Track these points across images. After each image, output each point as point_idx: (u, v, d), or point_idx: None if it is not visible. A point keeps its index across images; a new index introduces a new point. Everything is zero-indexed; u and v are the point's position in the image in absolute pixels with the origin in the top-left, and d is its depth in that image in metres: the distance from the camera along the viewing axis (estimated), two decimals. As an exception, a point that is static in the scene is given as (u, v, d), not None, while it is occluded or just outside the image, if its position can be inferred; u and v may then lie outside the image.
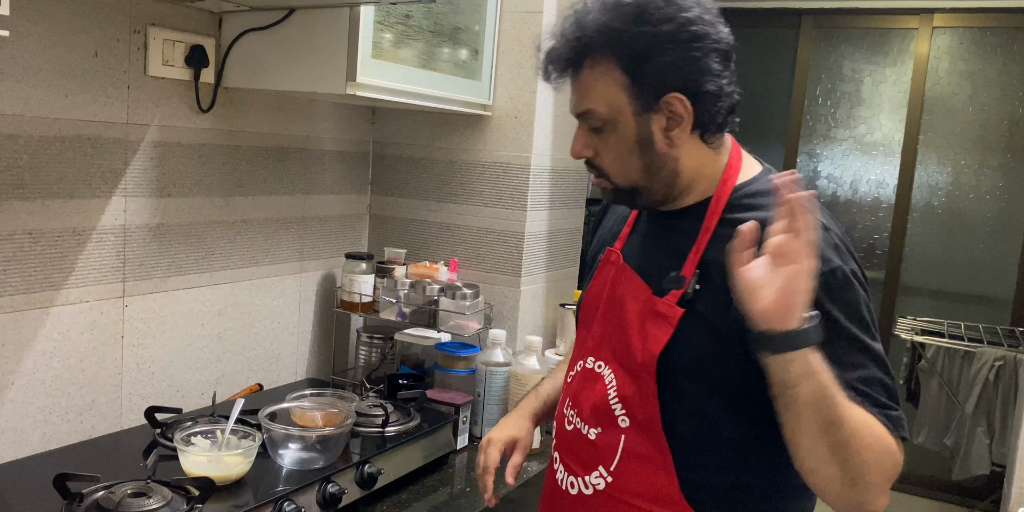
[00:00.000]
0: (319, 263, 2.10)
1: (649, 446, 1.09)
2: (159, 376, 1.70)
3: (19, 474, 1.39)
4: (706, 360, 1.05)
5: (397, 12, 1.66)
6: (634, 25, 1.02)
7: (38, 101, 1.41)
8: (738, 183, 1.11)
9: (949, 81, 3.64)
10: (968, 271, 3.67)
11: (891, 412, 1.01)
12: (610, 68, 1.05)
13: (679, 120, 1.06)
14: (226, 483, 1.33)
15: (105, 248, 1.56)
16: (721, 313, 1.04)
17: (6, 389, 1.43)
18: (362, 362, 2.10)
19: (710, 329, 1.05)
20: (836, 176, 3.87)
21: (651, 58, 1.03)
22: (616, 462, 1.12)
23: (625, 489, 1.11)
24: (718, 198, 1.10)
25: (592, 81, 1.07)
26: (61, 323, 1.50)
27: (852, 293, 1.02)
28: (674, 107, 1.05)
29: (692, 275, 1.07)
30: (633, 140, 1.08)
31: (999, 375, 3.17)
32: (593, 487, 1.14)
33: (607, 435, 1.13)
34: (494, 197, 2.08)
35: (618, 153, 1.09)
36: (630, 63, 1.04)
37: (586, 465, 1.16)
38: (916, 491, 3.70)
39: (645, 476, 1.10)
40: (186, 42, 1.64)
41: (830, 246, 1.02)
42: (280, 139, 1.92)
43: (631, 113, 1.06)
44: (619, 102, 1.06)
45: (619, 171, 1.11)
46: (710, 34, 1.04)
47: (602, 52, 1.05)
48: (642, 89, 1.05)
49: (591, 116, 1.08)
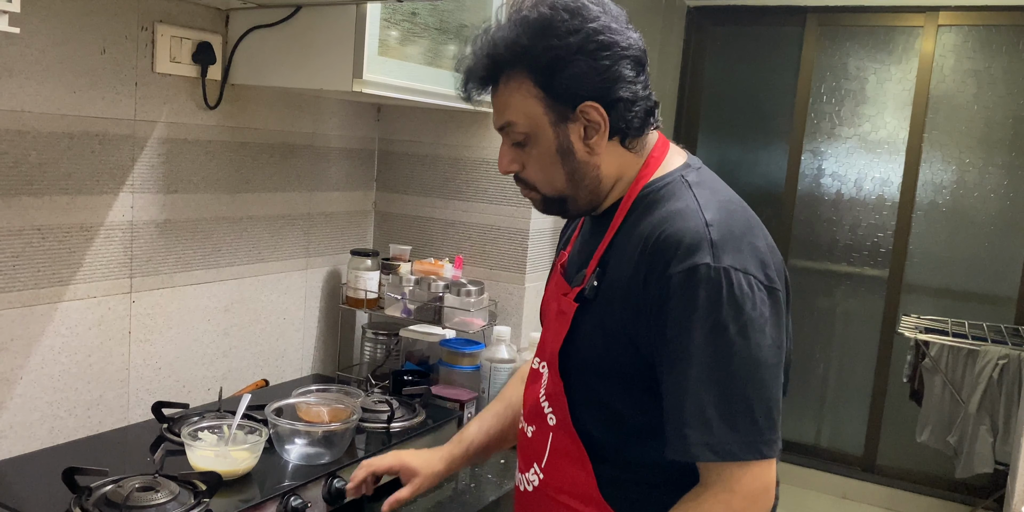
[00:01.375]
0: (325, 259, 2.10)
1: (569, 443, 1.12)
2: (166, 371, 1.71)
3: (28, 468, 1.40)
4: (600, 355, 1.08)
5: (403, 9, 1.66)
6: (542, 39, 1.04)
7: (47, 98, 1.42)
8: (650, 180, 1.12)
9: (954, 79, 3.64)
10: (972, 269, 3.67)
11: (712, 438, 0.96)
12: (523, 82, 1.07)
13: (596, 128, 1.08)
14: (233, 478, 1.34)
15: (113, 244, 1.56)
16: (610, 308, 1.06)
17: (14, 384, 1.44)
18: (367, 358, 2.11)
19: (601, 325, 1.07)
20: (840, 174, 3.87)
21: (562, 70, 1.05)
22: (545, 459, 1.16)
23: (554, 486, 1.15)
24: (628, 198, 1.12)
25: (508, 95, 1.09)
26: (69, 318, 1.51)
27: (708, 291, 0.97)
28: (590, 115, 1.07)
29: (592, 273, 1.10)
30: (554, 150, 1.09)
31: (1003, 373, 3.17)
32: (531, 484, 1.19)
33: (539, 433, 1.18)
34: (499, 194, 2.08)
35: (542, 165, 1.11)
36: (541, 76, 1.06)
37: (527, 462, 1.20)
38: (919, 489, 3.70)
39: (569, 473, 1.13)
40: (193, 39, 1.65)
41: (706, 241, 0.99)
42: (286, 136, 1.93)
43: (548, 124, 1.08)
44: (536, 114, 1.08)
45: (544, 182, 1.13)
46: (619, 42, 1.05)
47: (514, 67, 1.07)
48: (556, 100, 1.07)
49: (512, 129, 1.10)
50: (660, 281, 0.99)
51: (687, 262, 0.97)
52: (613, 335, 1.06)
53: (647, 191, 1.11)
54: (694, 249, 0.98)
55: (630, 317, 1.03)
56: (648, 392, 1.04)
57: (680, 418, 0.98)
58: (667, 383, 1.00)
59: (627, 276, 1.04)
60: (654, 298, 1.00)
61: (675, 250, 0.99)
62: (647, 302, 1.01)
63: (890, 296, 3.79)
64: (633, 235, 1.06)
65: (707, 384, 0.96)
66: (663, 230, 1.01)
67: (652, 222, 1.05)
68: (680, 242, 0.99)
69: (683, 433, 0.97)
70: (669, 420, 1.00)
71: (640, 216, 1.08)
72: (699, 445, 0.97)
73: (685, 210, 1.03)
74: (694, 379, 0.97)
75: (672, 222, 1.02)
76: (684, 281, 0.97)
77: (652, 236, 1.02)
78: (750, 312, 0.97)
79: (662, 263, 0.99)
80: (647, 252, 1.02)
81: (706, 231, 0.99)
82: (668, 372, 1.00)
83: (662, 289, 0.99)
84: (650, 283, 1.00)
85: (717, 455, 0.97)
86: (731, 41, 3.95)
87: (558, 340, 1.13)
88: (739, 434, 0.96)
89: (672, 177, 1.11)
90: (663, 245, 1.00)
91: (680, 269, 0.97)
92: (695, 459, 0.98)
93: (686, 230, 1.00)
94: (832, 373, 3.91)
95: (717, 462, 0.98)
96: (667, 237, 1.00)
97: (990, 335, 3.33)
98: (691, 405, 0.97)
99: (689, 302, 0.97)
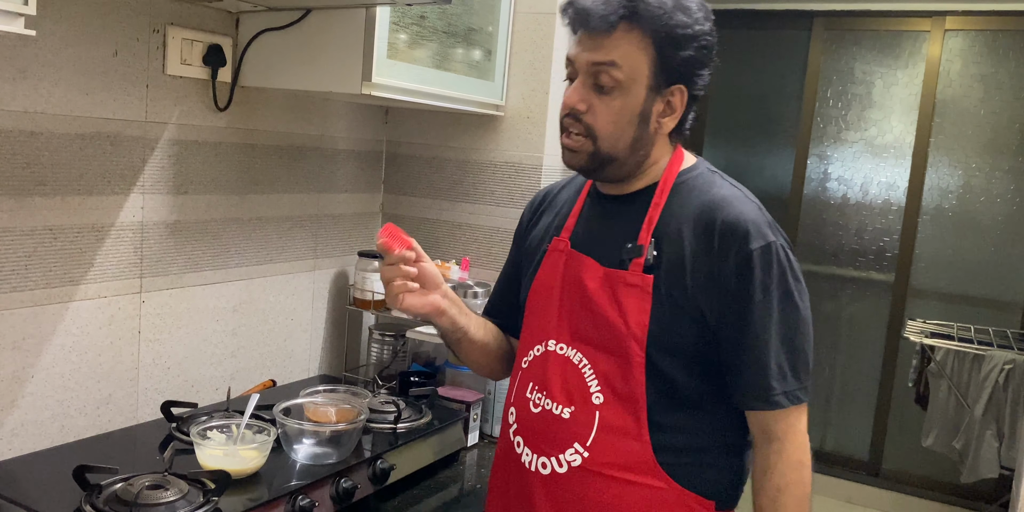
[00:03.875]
0: (332, 261, 2.12)
1: (626, 417, 1.15)
2: (175, 371, 1.72)
3: (39, 466, 1.41)
4: (669, 325, 1.13)
5: (412, 13, 1.68)
6: (682, 13, 1.11)
7: (59, 99, 1.44)
8: (681, 169, 1.21)
9: (961, 84, 3.64)
10: (978, 274, 3.67)
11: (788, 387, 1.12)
12: (644, 39, 1.11)
13: (671, 111, 1.16)
14: (241, 477, 1.35)
15: (123, 244, 1.58)
16: (678, 280, 1.13)
17: (26, 382, 1.46)
18: (374, 359, 2.12)
19: (670, 296, 1.13)
20: (847, 178, 3.87)
21: (682, 48, 1.12)
22: (592, 437, 1.16)
23: (603, 461, 1.15)
24: (666, 180, 1.19)
25: (625, 42, 1.11)
26: (80, 318, 1.52)
27: (779, 264, 1.11)
28: (673, 98, 1.15)
29: (649, 244, 1.15)
30: (637, 110, 1.14)
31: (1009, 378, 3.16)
32: (568, 464, 1.18)
33: (581, 412, 1.17)
34: (506, 196, 2.09)
35: (618, 118, 1.14)
36: (664, 44, 1.11)
37: (559, 444, 1.19)
38: (924, 494, 3.70)
39: (621, 447, 1.15)
40: (204, 41, 1.66)
41: (765, 223, 1.13)
42: (295, 138, 1.94)
43: (646, 86, 1.13)
44: (641, 70, 1.12)
45: (608, 135, 1.15)
46: (714, 51, 1.16)
47: (644, 21, 1.10)
48: (662, 70, 1.12)
49: (609, 70, 1.12)
50: (740, 255, 1.10)
51: (761, 240, 1.10)
52: (681, 306, 1.12)
53: (683, 178, 1.20)
54: (763, 229, 1.11)
55: (701, 287, 1.12)
56: (703, 360, 1.14)
57: (765, 371, 1.11)
58: (749, 342, 1.11)
59: (690, 251, 1.13)
60: (733, 269, 1.10)
61: (748, 230, 1.11)
62: (724, 273, 1.11)
63: (896, 300, 3.78)
64: (683, 215, 1.15)
65: (783, 341, 1.11)
66: (727, 213, 1.12)
67: (707, 204, 1.14)
68: (749, 223, 1.11)
69: (769, 384, 1.11)
70: (750, 374, 1.12)
71: (685, 198, 1.17)
72: (780, 394, 1.11)
73: (735, 196, 1.15)
74: (776, 337, 1.11)
75: (732, 206, 1.13)
76: (762, 255, 1.10)
77: (716, 217, 1.12)
78: (802, 280, 1.14)
79: (739, 240, 1.10)
80: (715, 231, 1.12)
81: (762, 214, 1.14)
82: (749, 333, 1.11)
83: (743, 262, 1.10)
84: (727, 257, 1.10)
85: (791, 401, 1.12)
86: (738, 45, 3.95)
87: (638, 313, 1.13)
88: (800, 382, 1.13)
89: (700, 169, 1.22)
90: (735, 225, 1.11)
91: (757, 246, 1.10)
92: (777, 407, 1.12)
93: (748, 213, 1.12)
94: (838, 377, 3.91)
95: (787, 409, 1.12)
96: (735, 219, 1.12)
97: (996, 340, 3.33)
98: (773, 360, 1.11)
99: (767, 273, 1.10)
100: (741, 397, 1.14)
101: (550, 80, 2.02)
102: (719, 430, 1.18)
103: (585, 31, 1.14)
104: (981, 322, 3.52)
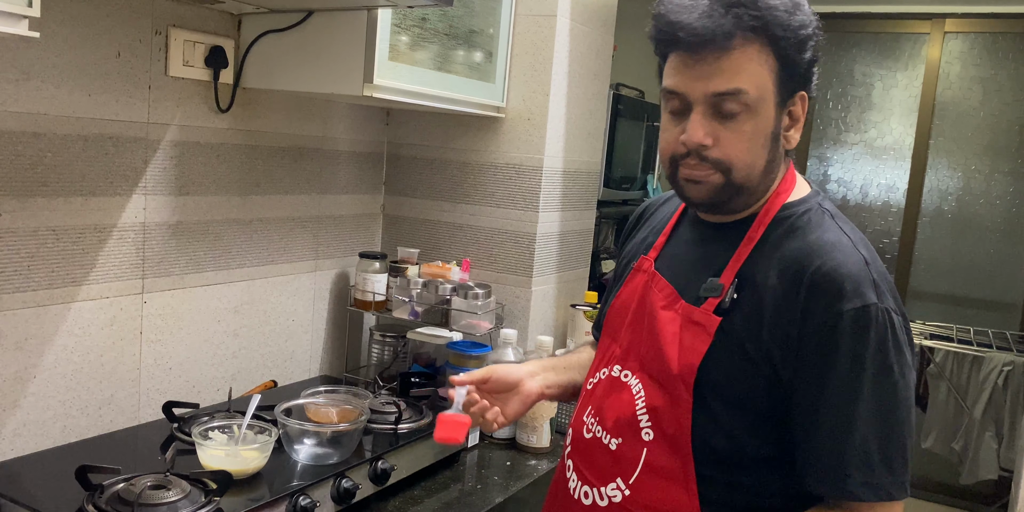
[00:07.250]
0: (333, 262, 2.12)
1: (673, 460, 1.05)
2: (176, 371, 1.73)
3: (41, 466, 1.41)
4: (735, 376, 1.01)
5: (413, 15, 1.68)
6: (797, 13, 0.97)
7: (62, 100, 1.44)
8: (788, 201, 1.07)
9: (960, 86, 3.65)
10: (978, 276, 3.67)
11: (874, 478, 0.96)
12: (764, 49, 0.97)
13: (796, 121, 1.02)
14: (243, 477, 1.35)
15: (125, 245, 1.58)
16: (753, 331, 1.00)
17: (28, 383, 1.46)
18: (375, 360, 2.12)
19: (741, 346, 1.01)
20: (846, 180, 3.88)
21: (804, 50, 0.98)
22: (636, 475, 1.07)
23: (642, 503, 1.06)
24: (767, 211, 1.05)
25: (746, 59, 0.96)
26: (82, 318, 1.53)
27: (878, 332, 0.96)
28: (795, 107, 1.01)
29: (731, 284, 1.03)
30: (769, 132, 1.00)
31: (1008, 380, 3.17)
32: (609, 499, 1.10)
33: (629, 447, 1.09)
34: (506, 198, 2.10)
35: (751, 144, 0.99)
36: (786, 51, 0.97)
37: (603, 476, 1.11)
38: (924, 495, 3.70)
39: (664, 491, 1.05)
40: (206, 43, 1.67)
41: (868, 281, 0.97)
42: (296, 139, 1.95)
43: (774, 102, 0.99)
44: (767, 88, 0.98)
45: (744, 164, 1.00)
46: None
47: (758, 31, 0.96)
48: (788, 80, 0.99)
49: (737, 98, 0.97)
50: (827, 315, 0.95)
51: (857, 301, 0.95)
52: (752, 359, 1.00)
53: (787, 212, 1.05)
54: (862, 288, 0.95)
55: (778, 343, 0.98)
56: (772, 422, 1.01)
57: (842, 456, 0.96)
58: (826, 418, 0.97)
59: (772, 300, 0.99)
60: (816, 330, 0.96)
61: (843, 286, 0.95)
62: (807, 333, 0.97)
63: (895, 302, 3.79)
64: (775, 257, 1.02)
65: (873, 424, 0.95)
66: (823, 263, 0.98)
67: (802, 250, 1.00)
68: (846, 278, 0.96)
69: (845, 472, 0.96)
70: (826, 456, 0.97)
71: (782, 238, 1.03)
72: (860, 484, 0.96)
73: (839, 244, 1.00)
74: (862, 418, 0.95)
75: (831, 255, 0.98)
76: (856, 319, 0.95)
77: (809, 266, 0.98)
78: (907, 354, 0.97)
79: (829, 297, 0.96)
80: (804, 283, 0.97)
81: (867, 270, 0.97)
82: (827, 408, 0.96)
83: (830, 324, 0.95)
84: (813, 315, 0.96)
85: (876, 496, 0.96)
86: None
87: (691, 354, 1.03)
88: (894, 476, 0.96)
89: (811, 203, 1.07)
90: (828, 279, 0.96)
91: (851, 307, 0.95)
92: (855, 499, 0.97)
93: (849, 266, 0.97)
94: (837, 379, 3.91)
95: (871, 504, 0.97)
96: (830, 271, 0.97)
97: (995, 342, 3.34)
98: (856, 443, 0.96)
99: (860, 341, 0.95)
100: (811, 479, 0.99)
101: (550, 82, 2.02)
102: (790, 496, 1.02)
103: (690, 53, 0.98)
104: (980, 324, 3.52)
